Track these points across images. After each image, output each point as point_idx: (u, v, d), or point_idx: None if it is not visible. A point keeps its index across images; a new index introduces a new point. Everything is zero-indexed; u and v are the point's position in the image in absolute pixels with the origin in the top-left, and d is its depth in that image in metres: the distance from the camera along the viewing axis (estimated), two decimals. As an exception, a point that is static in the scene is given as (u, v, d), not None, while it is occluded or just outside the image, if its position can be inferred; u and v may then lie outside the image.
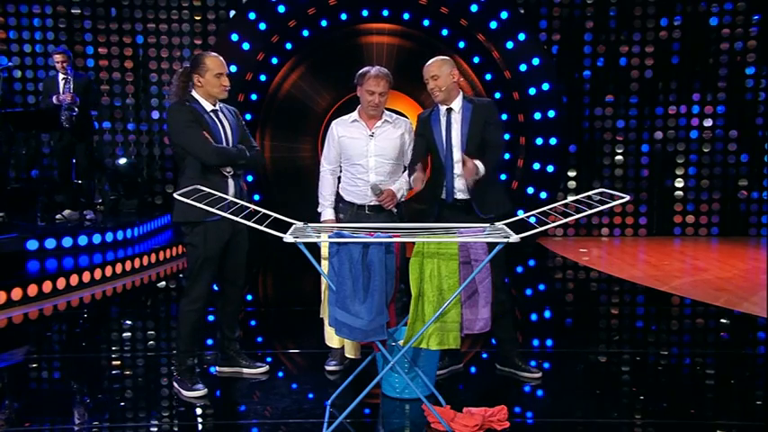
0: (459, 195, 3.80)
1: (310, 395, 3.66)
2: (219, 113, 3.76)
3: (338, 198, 4.03)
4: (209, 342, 4.64)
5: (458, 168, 3.77)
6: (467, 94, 3.90)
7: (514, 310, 4.01)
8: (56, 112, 7.00)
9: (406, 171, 4.00)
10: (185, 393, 3.65)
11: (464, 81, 4.02)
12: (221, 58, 3.74)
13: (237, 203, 3.33)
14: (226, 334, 3.97)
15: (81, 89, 7.23)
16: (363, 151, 3.89)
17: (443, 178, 3.84)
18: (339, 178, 4.06)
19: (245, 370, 3.95)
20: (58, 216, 7.37)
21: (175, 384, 3.72)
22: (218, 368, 4.01)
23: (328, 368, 4.00)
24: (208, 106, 3.71)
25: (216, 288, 4.01)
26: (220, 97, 3.73)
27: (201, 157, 3.59)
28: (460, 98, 3.85)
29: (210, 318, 5.17)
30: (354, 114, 3.96)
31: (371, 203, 3.91)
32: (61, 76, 7.21)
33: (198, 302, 3.70)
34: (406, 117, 4.18)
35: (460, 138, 3.77)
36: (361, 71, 3.88)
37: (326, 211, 4.00)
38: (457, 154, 3.77)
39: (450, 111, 3.83)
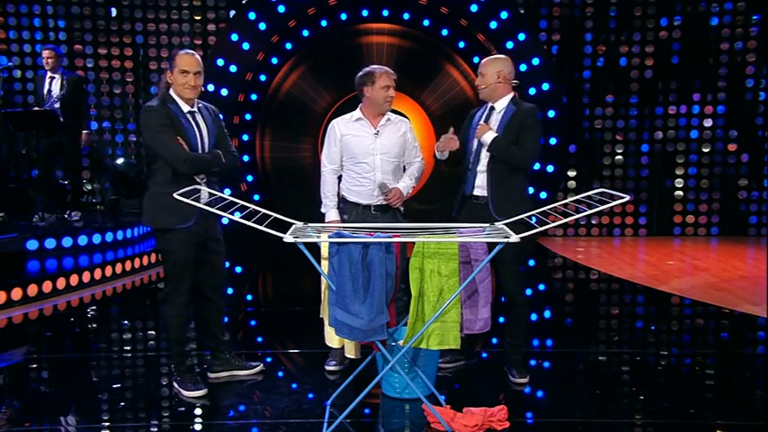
0: (478, 192, 3.80)
1: (310, 395, 3.66)
2: (197, 115, 3.67)
3: (340, 199, 4.01)
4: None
5: (482, 166, 3.77)
6: (517, 98, 3.87)
7: (528, 313, 3.99)
8: (55, 114, 6.97)
9: (410, 167, 4.01)
10: (185, 393, 3.65)
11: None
12: (196, 56, 3.64)
13: (237, 203, 3.32)
14: (217, 337, 3.93)
15: (71, 88, 7.16)
16: (369, 149, 3.87)
17: (468, 172, 3.84)
18: (339, 178, 4.05)
19: (240, 372, 3.93)
20: (66, 216, 7.34)
21: (175, 385, 3.72)
22: (210, 374, 3.92)
23: (328, 368, 4.00)
24: (185, 107, 3.62)
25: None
26: (185, 96, 3.60)
27: (173, 164, 3.51)
28: (506, 99, 3.83)
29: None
30: (357, 113, 3.94)
31: (377, 203, 3.90)
32: (49, 74, 7.15)
33: (180, 308, 3.67)
34: (406, 117, 4.18)
35: None
36: (366, 71, 3.86)
37: (331, 212, 3.96)
38: (485, 151, 3.76)
39: (492, 109, 3.85)
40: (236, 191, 8.46)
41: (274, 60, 8.84)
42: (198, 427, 3.38)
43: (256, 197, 8.77)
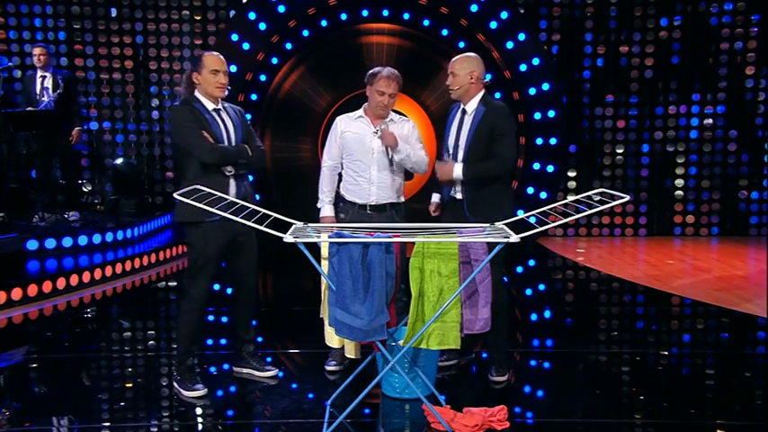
0: (458, 195, 3.80)
1: (310, 395, 3.67)
2: (222, 112, 3.75)
3: (339, 198, 4.03)
4: (223, 341, 4.63)
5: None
6: (487, 97, 3.82)
7: (507, 313, 3.97)
8: (55, 114, 6.94)
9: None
10: (185, 393, 3.65)
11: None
12: (221, 56, 3.71)
13: (237, 203, 3.32)
14: (240, 335, 3.97)
15: (67, 86, 7.13)
16: (367, 147, 3.88)
17: None
18: (340, 176, 4.05)
19: (256, 372, 3.94)
20: (66, 216, 7.33)
21: (175, 384, 3.72)
22: (234, 368, 4.01)
23: (328, 368, 4.00)
24: (209, 105, 3.70)
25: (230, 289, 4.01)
26: (216, 95, 3.69)
27: (199, 155, 3.59)
28: (476, 100, 3.78)
29: (224, 318, 5.18)
30: (360, 111, 3.97)
31: (373, 203, 3.90)
32: (39, 74, 7.12)
33: (196, 303, 3.70)
34: (407, 117, 4.17)
35: (466, 141, 3.75)
36: (372, 71, 3.87)
37: (325, 208, 3.99)
38: (461, 154, 3.76)
39: (464, 112, 3.82)
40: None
41: (274, 60, 8.84)
42: (198, 427, 3.38)
43: (256, 197, 8.74)
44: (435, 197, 4.06)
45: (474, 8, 8.57)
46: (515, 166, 3.82)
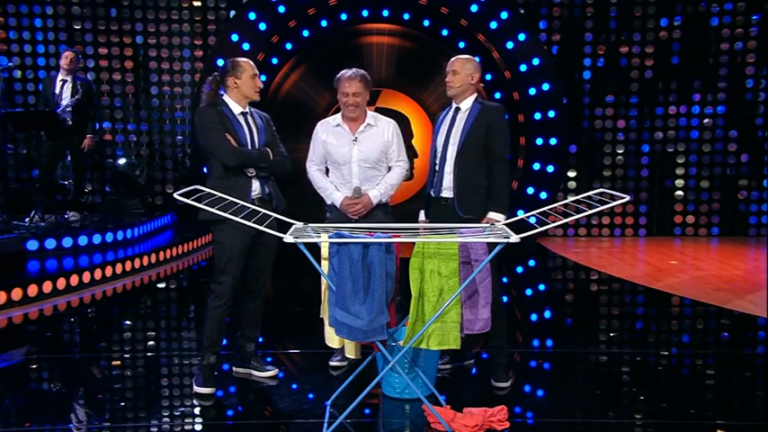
0: (446, 193, 3.79)
1: (310, 395, 3.67)
2: (248, 117, 3.84)
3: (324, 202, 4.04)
4: (223, 341, 4.62)
5: (449, 166, 3.76)
6: (481, 97, 3.85)
7: (506, 314, 3.94)
8: (57, 115, 6.94)
9: (390, 171, 3.95)
10: (194, 388, 3.67)
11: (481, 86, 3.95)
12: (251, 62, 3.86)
13: (237, 204, 3.32)
14: (245, 332, 3.97)
15: (84, 92, 7.14)
16: (347, 157, 3.89)
17: (435, 174, 3.84)
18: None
19: (256, 372, 3.93)
20: (66, 216, 7.32)
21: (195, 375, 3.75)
22: (234, 368, 4.00)
23: (332, 363, 4.01)
24: (237, 109, 3.79)
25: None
26: (254, 98, 3.82)
27: (221, 157, 3.68)
28: (471, 99, 3.80)
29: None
30: (338, 118, 3.95)
31: None
32: (60, 77, 7.11)
33: (221, 299, 3.70)
34: (388, 119, 4.11)
35: (459, 137, 3.75)
36: (336, 77, 3.88)
37: (335, 194, 3.93)
38: (451, 151, 3.76)
39: (457, 110, 3.82)
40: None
41: (274, 60, 8.84)
42: (198, 427, 3.38)
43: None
44: (422, 215, 4.02)
45: (474, 8, 8.57)
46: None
